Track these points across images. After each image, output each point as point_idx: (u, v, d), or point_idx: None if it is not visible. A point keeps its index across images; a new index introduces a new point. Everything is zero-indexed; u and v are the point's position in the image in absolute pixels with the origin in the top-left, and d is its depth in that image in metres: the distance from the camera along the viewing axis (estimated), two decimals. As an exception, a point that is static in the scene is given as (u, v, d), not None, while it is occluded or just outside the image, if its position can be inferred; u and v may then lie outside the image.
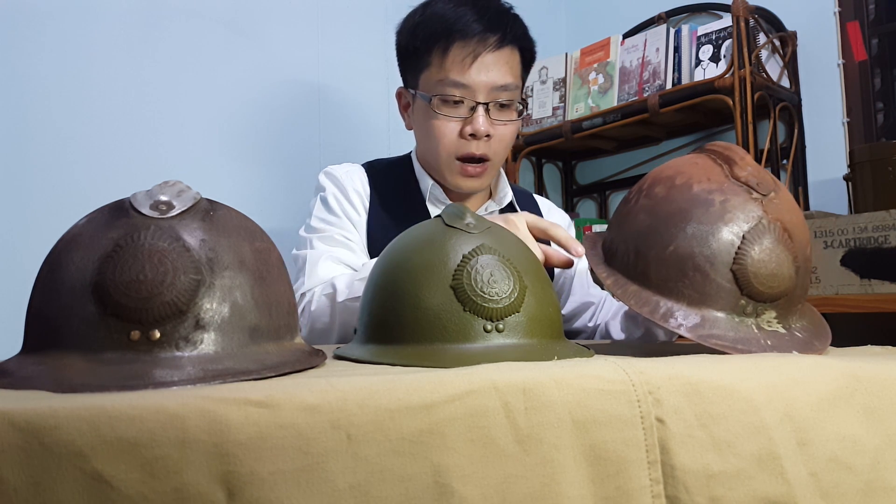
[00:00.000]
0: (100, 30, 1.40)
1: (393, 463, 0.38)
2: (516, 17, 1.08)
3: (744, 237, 0.61)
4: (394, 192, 1.12)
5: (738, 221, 0.62)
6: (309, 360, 0.53)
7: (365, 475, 0.38)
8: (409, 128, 1.14)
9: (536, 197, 1.29)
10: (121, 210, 0.51)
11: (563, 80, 1.97)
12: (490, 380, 0.42)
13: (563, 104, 1.96)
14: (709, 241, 0.62)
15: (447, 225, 0.62)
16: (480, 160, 1.05)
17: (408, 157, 1.18)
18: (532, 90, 2.04)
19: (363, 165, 1.17)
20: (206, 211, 0.53)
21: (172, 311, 0.47)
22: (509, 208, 1.17)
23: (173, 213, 0.51)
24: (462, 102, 1.02)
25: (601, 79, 1.88)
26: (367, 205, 1.11)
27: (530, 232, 0.81)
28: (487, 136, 1.03)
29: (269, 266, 0.55)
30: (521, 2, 1.11)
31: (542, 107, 2.01)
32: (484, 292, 0.57)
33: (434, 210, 1.10)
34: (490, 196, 1.17)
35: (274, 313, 0.53)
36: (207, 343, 0.48)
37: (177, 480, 0.34)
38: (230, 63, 1.57)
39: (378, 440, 0.38)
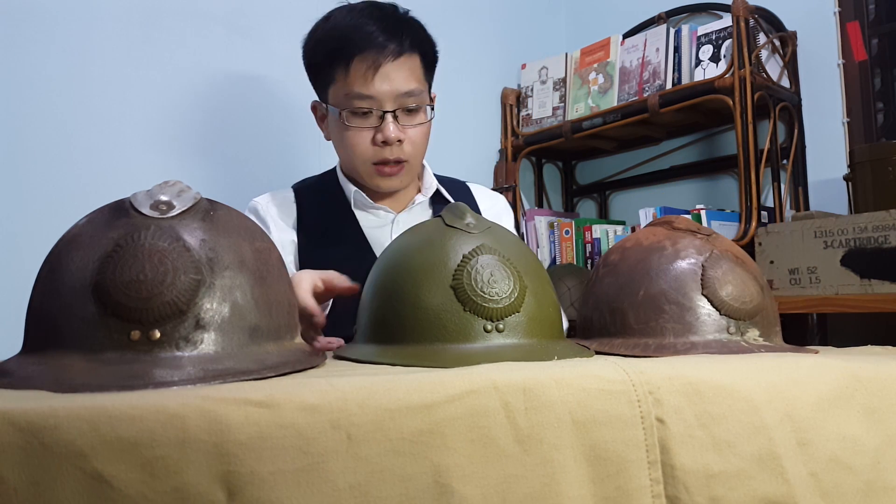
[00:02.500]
0: (100, 30, 1.40)
1: (393, 463, 0.38)
2: (412, 21, 1.11)
3: (703, 265, 0.66)
4: (321, 203, 1.16)
5: (692, 255, 0.67)
6: (309, 360, 0.53)
7: (365, 475, 0.38)
8: (327, 139, 1.17)
9: (471, 185, 1.30)
10: (121, 210, 0.51)
11: (563, 80, 1.97)
12: (490, 380, 0.42)
13: (563, 104, 1.96)
14: (673, 275, 0.66)
15: (447, 225, 0.62)
16: (396, 162, 1.09)
17: (333, 169, 1.22)
18: (532, 90, 2.04)
19: (292, 187, 1.20)
20: (207, 211, 0.53)
21: (172, 311, 0.47)
22: (437, 197, 1.19)
23: (173, 212, 0.51)
24: (371, 112, 1.06)
25: (601, 79, 1.88)
26: (295, 223, 1.14)
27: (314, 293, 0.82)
28: (399, 140, 1.07)
29: (269, 266, 0.55)
30: (521, 2, 1.10)
31: (542, 107, 2.00)
32: (484, 292, 0.57)
33: (361, 214, 1.13)
34: (419, 190, 1.19)
35: (274, 313, 0.53)
36: (207, 343, 0.48)
37: (177, 480, 0.34)
38: (230, 63, 1.57)
39: (378, 440, 0.38)
